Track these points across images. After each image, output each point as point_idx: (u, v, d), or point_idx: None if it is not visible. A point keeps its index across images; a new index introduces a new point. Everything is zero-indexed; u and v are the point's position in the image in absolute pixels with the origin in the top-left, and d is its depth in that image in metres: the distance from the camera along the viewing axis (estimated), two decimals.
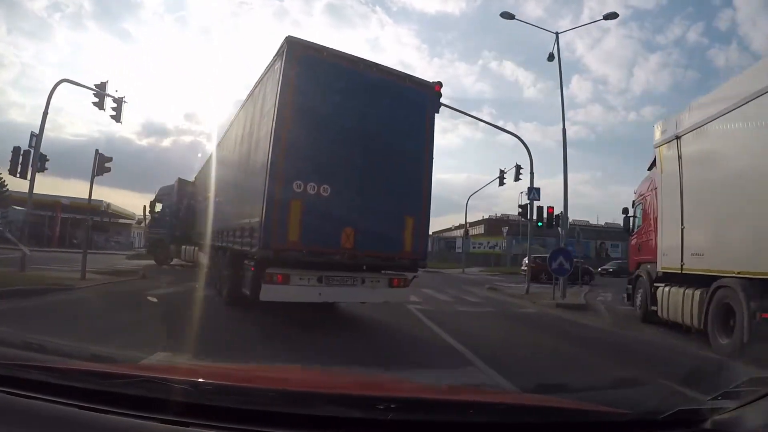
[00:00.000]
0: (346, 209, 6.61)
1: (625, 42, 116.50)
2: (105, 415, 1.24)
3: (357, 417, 1.30)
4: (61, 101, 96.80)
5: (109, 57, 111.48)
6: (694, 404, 1.37)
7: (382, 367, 4.53)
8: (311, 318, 7.37)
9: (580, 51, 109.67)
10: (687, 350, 7.09)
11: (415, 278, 7.64)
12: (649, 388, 2.22)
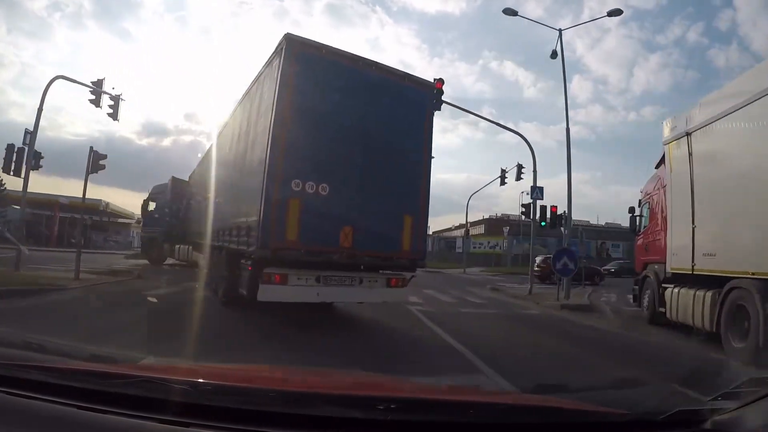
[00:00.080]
0: (345, 208, 6.57)
1: (625, 42, 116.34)
2: (104, 415, 1.24)
3: (356, 417, 1.30)
4: (61, 101, 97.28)
5: (109, 56, 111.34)
6: (694, 405, 1.37)
7: (382, 368, 4.40)
8: (308, 318, 7.26)
9: (581, 51, 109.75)
10: (695, 353, 6.89)
11: (414, 278, 7.55)
12: (649, 389, 2.21)
